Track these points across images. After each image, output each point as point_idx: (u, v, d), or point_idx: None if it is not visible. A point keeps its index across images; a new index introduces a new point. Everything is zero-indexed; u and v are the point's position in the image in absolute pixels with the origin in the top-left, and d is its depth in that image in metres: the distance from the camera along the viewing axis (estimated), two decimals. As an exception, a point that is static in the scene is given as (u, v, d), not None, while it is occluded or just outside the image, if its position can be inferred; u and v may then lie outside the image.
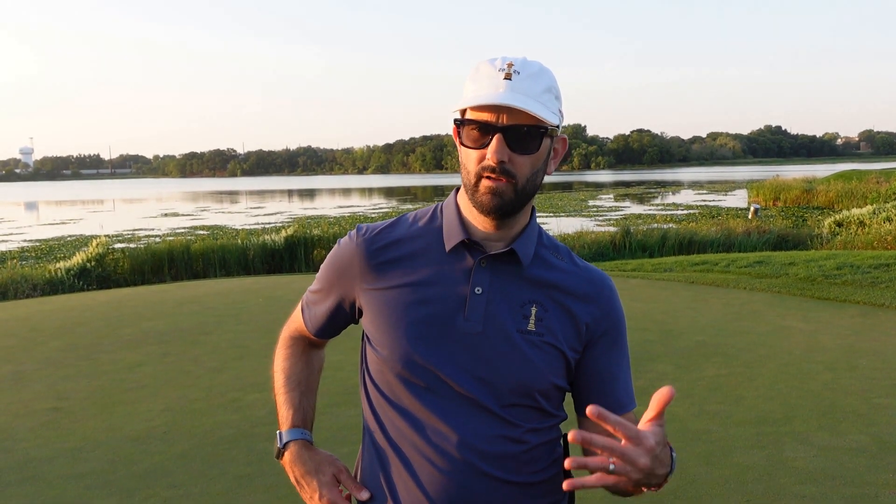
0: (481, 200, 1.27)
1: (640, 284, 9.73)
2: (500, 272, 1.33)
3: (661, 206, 38.04)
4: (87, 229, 31.55)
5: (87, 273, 14.29)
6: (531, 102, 1.23)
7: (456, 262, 1.33)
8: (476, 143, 1.26)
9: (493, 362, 1.29)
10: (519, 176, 1.26)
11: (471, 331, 1.30)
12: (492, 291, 1.31)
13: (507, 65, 1.25)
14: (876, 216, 17.75)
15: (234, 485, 3.79)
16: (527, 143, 1.25)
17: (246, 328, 7.60)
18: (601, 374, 1.39)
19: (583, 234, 18.33)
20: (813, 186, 32.91)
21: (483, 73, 1.26)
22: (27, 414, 5.05)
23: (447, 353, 1.29)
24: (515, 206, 1.29)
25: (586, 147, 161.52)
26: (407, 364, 1.30)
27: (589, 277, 1.39)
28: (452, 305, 1.31)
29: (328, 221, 27.09)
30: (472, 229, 1.34)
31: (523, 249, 1.34)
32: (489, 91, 1.23)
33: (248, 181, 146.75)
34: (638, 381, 5.55)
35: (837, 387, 5.15)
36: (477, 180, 1.27)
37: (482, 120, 1.24)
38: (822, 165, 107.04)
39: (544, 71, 1.28)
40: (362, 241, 1.39)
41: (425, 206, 1.45)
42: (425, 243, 1.36)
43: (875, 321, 7.20)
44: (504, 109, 1.23)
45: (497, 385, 1.29)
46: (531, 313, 1.32)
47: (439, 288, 1.32)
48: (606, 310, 1.38)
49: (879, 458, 3.92)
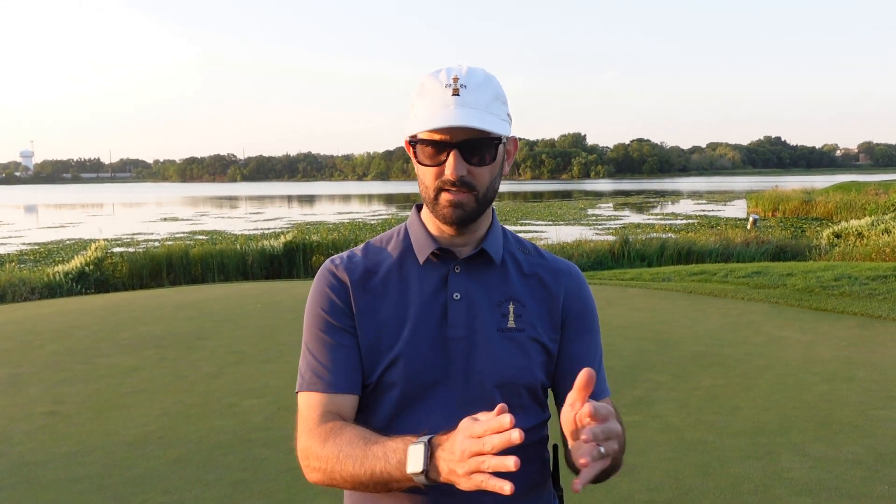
0: (444, 213, 1.29)
1: (638, 294, 9.73)
2: (474, 275, 1.35)
3: (660, 215, 38.06)
4: (86, 233, 31.55)
5: (85, 277, 14.28)
6: (483, 116, 1.24)
7: (432, 273, 1.35)
8: (433, 161, 1.27)
9: (479, 364, 1.31)
10: (479, 186, 1.29)
11: (455, 336, 1.31)
12: (469, 295, 1.33)
13: (452, 79, 1.25)
14: (874, 228, 17.77)
15: (229, 490, 3.79)
16: (483, 155, 1.27)
17: (244, 333, 7.60)
18: (575, 359, 1.39)
19: (582, 243, 18.34)
20: (812, 197, 32.96)
21: (430, 89, 1.26)
22: (23, 417, 5.04)
23: (435, 362, 1.31)
24: (477, 215, 1.32)
25: (586, 156, 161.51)
26: (399, 379, 1.31)
27: (557, 267, 1.42)
28: (435, 315, 1.32)
29: (327, 228, 27.13)
30: (440, 238, 1.37)
31: (493, 248, 1.37)
32: (440, 112, 1.24)
33: (248, 186, 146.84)
34: (635, 390, 5.53)
35: (834, 398, 5.15)
36: (436, 194, 1.29)
37: (436, 138, 1.25)
38: (822, 176, 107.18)
39: (489, 79, 1.30)
40: (344, 269, 1.36)
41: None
42: (398, 261, 1.38)
43: (872, 333, 7.21)
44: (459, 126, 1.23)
45: (486, 386, 1.31)
46: (509, 311, 1.34)
47: (420, 301, 1.33)
48: (575, 293, 1.41)
49: (875, 469, 3.92)
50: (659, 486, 3.77)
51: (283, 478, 3.89)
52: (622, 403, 5.06)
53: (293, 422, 1.37)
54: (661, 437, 4.43)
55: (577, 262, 15.90)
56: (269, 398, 5.36)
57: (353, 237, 20.03)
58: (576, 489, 1.05)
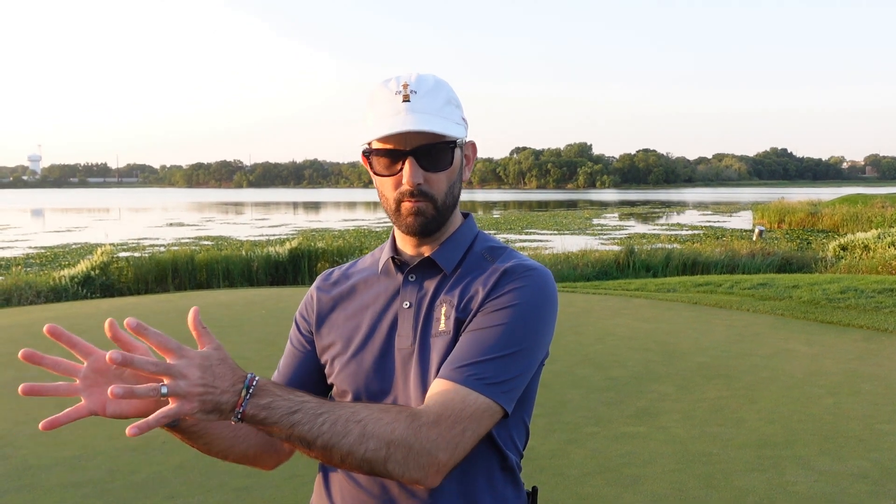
0: (406, 223, 1.28)
1: (643, 304, 9.71)
2: (426, 283, 1.32)
3: (665, 226, 38.02)
4: (93, 237, 31.64)
5: (91, 281, 14.32)
6: (434, 120, 1.23)
7: (388, 282, 1.36)
8: (389, 171, 1.26)
9: (413, 373, 1.27)
10: (437, 194, 1.27)
11: (402, 346, 1.29)
12: (419, 303, 1.31)
13: (402, 86, 1.24)
14: (881, 241, 17.72)
15: (232, 497, 3.78)
16: (438, 160, 1.25)
17: (248, 339, 7.60)
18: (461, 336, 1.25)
19: (587, 253, 18.31)
20: (818, 209, 32.89)
21: (380, 98, 1.25)
22: (27, 421, 5.05)
23: (384, 372, 1.30)
24: (439, 223, 1.30)
25: (591, 166, 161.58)
26: (349, 386, 1.32)
27: (504, 265, 1.29)
28: (387, 324, 1.32)
29: (333, 234, 27.16)
30: (403, 250, 1.36)
31: (444, 256, 1.32)
32: (391, 119, 1.22)
33: (254, 193, 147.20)
34: (639, 401, 5.51)
35: (840, 411, 5.12)
36: (397, 206, 1.28)
37: (390, 147, 1.24)
38: (828, 189, 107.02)
39: (440, 84, 1.28)
40: (319, 281, 1.46)
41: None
42: (368, 273, 1.41)
43: (878, 346, 7.18)
44: (411, 133, 1.22)
45: (421, 396, 1.25)
46: (441, 313, 1.28)
47: (375, 309, 1.34)
48: (501, 282, 1.25)
49: (881, 484, 3.89)
50: (663, 497, 3.75)
51: (286, 485, 3.88)
52: (626, 414, 5.04)
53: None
54: (665, 449, 4.41)
55: (582, 272, 15.87)
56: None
57: (359, 244, 20.05)
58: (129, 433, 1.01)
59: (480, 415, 1.16)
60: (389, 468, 1.11)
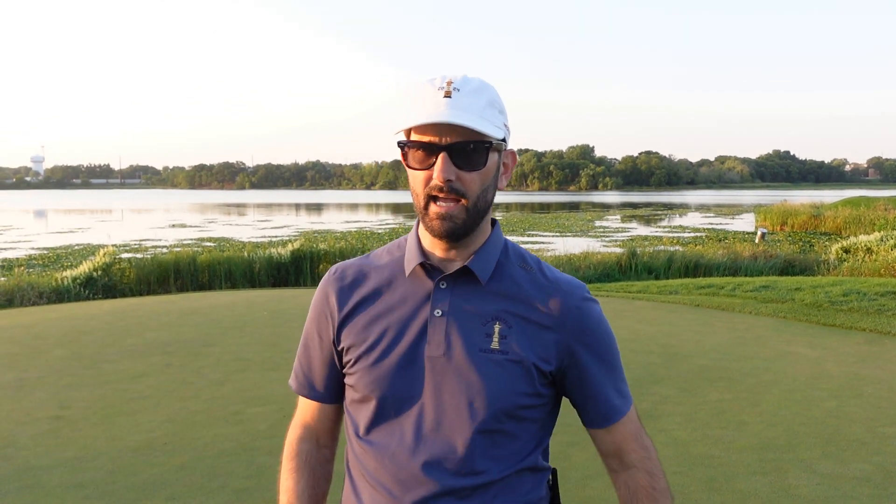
0: (433, 226, 1.25)
1: (645, 306, 9.70)
2: (460, 292, 1.30)
3: (667, 228, 38.02)
4: (95, 238, 31.70)
5: (93, 282, 14.33)
6: (473, 118, 1.21)
7: (417, 287, 1.32)
8: (422, 164, 1.24)
9: (455, 386, 1.26)
10: (469, 194, 1.24)
11: (433, 354, 1.27)
12: (452, 312, 1.29)
13: (446, 83, 1.23)
14: (883, 243, 17.68)
15: (233, 498, 3.78)
16: (473, 159, 1.23)
17: (250, 341, 7.60)
18: (590, 386, 1.35)
19: (589, 255, 18.31)
20: (820, 212, 32.89)
21: (422, 92, 1.24)
22: (29, 422, 5.05)
23: (411, 378, 1.28)
24: (468, 228, 1.27)
25: (594, 168, 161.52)
26: (373, 391, 1.30)
27: (557, 289, 1.33)
28: (416, 330, 1.29)
29: (335, 236, 27.18)
30: (431, 253, 1.33)
31: (480, 265, 1.30)
32: (430, 110, 1.21)
33: (257, 194, 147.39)
34: (641, 403, 5.51)
35: (842, 414, 5.11)
36: (426, 204, 1.26)
37: (425, 140, 1.23)
38: (830, 191, 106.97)
39: (485, 86, 1.27)
40: (334, 279, 1.40)
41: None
42: (390, 273, 1.36)
43: (881, 349, 7.16)
44: (447, 128, 1.21)
45: (462, 409, 1.26)
46: (494, 331, 1.28)
47: (402, 314, 1.31)
48: (577, 319, 1.32)
49: (884, 487, 3.88)
50: (664, 500, 3.74)
51: (287, 486, 3.87)
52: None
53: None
54: (667, 452, 4.40)
55: (585, 274, 15.86)
56: (274, 406, 5.35)
57: (361, 246, 20.05)
58: None
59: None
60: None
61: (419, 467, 1.25)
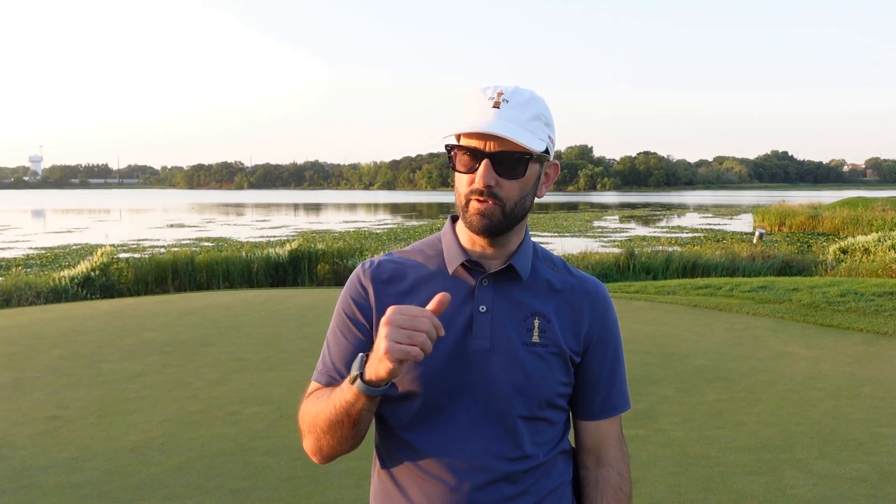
0: (471, 221, 1.34)
1: (643, 307, 9.71)
2: (501, 289, 1.39)
3: (665, 228, 38.04)
4: (93, 238, 31.66)
5: (90, 282, 14.32)
6: (517, 130, 1.29)
7: (460, 284, 1.39)
8: (466, 168, 1.33)
9: (502, 377, 1.34)
10: (506, 199, 1.33)
11: (479, 348, 1.35)
12: (495, 308, 1.37)
13: (497, 94, 1.31)
14: (881, 244, 17.71)
15: (230, 499, 3.78)
16: (513, 168, 1.31)
17: (247, 341, 7.60)
18: (600, 378, 1.47)
19: (587, 255, 18.32)
20: (818, 213, 32.92)
21: (474, 101, 1.33)
22: (26, 422, 5.05)
23: (458, 371, 1.34)
24: (504, 227, 1.35)
25: (592, 168, 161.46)
26: (421, 385, 1.34)
27: (584, 287, 1.47)
28: (460, 325, 1.36)
29: (333, 236, 27.18)
30: (471, 251, 1.41)
31: (521, 264, 1.41)
32: (478, 119, 1.30)
33: (255, 194, 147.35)
34: (638, 403, 5.51)
35: (839, 415, 5.12)
36: (466, 202, 1.34)
37: (471, 146, 1.31)
38: (828, 192, 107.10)
39: (534, 99, 1.34)
40: (371, 272, 1.43)
41: (430, 233, 1.48)
42: (430, 270, 1.42)
43: (878, 349, 7.17)
44: (492, 136, 1.29)
45: (508, 398, 1.35)
46: (534, 326, 1.38)
47: (446, 310, 1.34)
48: (602, 315, 1.47)
49: (880, 487, 3.89)
50: (661, 500, 3.75)
51: (284, 486, 3.88)
52: (625, 416, 5.02)
53: (295, 430, 1.41)
54: (663, 452, 4.40)
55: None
56: (272, 406, 5.35)
57: (359, 246, 20.04)
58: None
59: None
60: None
61: (475, 455, 1.33)
